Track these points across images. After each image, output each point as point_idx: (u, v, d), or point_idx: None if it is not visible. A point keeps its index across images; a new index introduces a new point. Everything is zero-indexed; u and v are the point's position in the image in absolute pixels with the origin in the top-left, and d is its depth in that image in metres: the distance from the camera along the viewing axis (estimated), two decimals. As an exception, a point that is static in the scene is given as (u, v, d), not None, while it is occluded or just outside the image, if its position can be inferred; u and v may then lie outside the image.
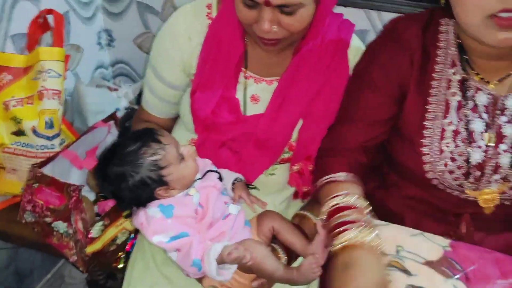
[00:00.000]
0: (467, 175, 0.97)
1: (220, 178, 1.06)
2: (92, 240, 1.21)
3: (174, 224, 0.96)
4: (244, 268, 0.96)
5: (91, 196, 1.37)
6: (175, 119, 1.29)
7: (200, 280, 1.02)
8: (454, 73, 0.97)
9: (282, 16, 0.94)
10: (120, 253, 1.28)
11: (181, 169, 1.01)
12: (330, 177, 0.99)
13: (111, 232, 1.25)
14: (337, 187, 0.97)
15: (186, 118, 1.18)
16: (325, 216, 0.96)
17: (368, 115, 1.02)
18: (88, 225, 1.21)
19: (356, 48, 1.12)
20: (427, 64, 0.98)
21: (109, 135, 1.45)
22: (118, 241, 1.28)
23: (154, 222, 0.97)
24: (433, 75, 0.98)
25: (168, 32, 1.14)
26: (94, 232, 1.20)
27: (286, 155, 1.14)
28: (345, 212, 0.92)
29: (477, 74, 0.96)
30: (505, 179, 0.96)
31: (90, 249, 1.22)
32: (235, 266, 0.96)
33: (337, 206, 0.94)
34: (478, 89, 0.96)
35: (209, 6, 1.12)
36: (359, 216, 0.91)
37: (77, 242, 1.24)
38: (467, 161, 0.96)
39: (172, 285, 1.08)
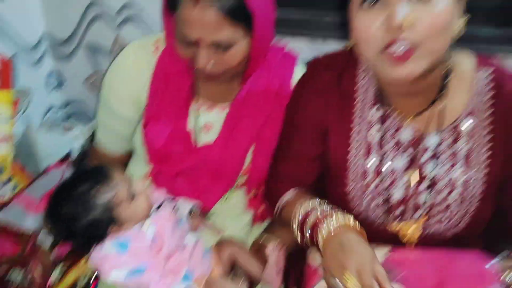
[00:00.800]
0: (390, 211, 0.99)
1: (176, 208, 1.07)
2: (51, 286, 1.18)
3: (130, 259, 0.95)
4: None
5: (49, 240, 1.34)
6: (130, 154, 1.30)
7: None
8: (375, 112, 0.98)
9: (216, 53, 0.99)
10: (83, 299, 1.26)
11: (133, 207, 1.01)
12: (288, 197, 1.04)
13: (71, 276, 1.21)
14: (297, 200, 1.00)
15: (140, 152, 1.20)
16: (299, 228, 0.96)
17: (299, 153, 1.06)
18: (46, 273, 1.18)
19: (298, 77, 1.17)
20: (346, 106, 1.00)
21: (63, 178, 1.43)
22: (79, 286, 1.25)
23: (110, 258, 0.96)
24: (353, 116, 1.00)
25: (117, 68, 1.18)
26: (52, 279, 1.17)
27: (241, 180, 1.17)
28: (316, 211, 0.94)
29: (395, 110, 0.97)
30: (426, 214, 0.97)
31: (51, 297, 1.19)
32: None
33: (307, 211, 0.95)
34: (399, 127, 0.97)
35: (157, 42, 1.16)
36: (329, 211, 0.93)
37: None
38: (390, 198, 0.98)
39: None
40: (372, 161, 0.98)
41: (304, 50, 1.42)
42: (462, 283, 0.88)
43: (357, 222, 0.91)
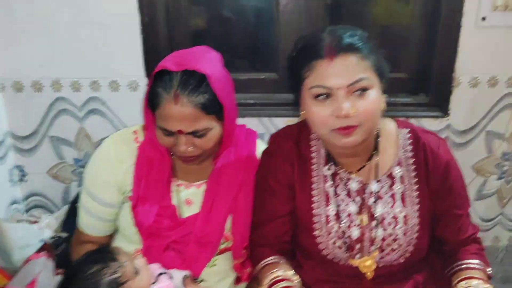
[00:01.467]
0: (351, 248, 1.21)
1: (171, 277, 1.19)
2: None
3: None
4: None
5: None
6: (112, 235, 1.39)
7: None
8: (328, 169, 1.23)
9: (195, 139, 1.17)
10: None
11: (138, 281, 1.13)
12: (266, 261, 1.22)
13: None
14: (273, 267, 1.19)
15: (128, 231, 1.31)
16: None
17: (274, 215, 1.25)
18: None
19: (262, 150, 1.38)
20: (305, 166, 1.24)
21: (44, 267, 1.48)
22: None
23: None
24: (312, 173, 1.23)
25: (100, 159, 1.31)
26: None
27: (223, 246, 1.31)
28: (279, 284, 1.13)
29: (342, 168, 1.23)
30: (379, 248, 1.21)
31: None
32: None
33: (275, 279, 1.15)
34: (348, 179, 1.22)
35: (135, 132, 1.33)
36: (288, 284, 1.13)
37: None
38: (350, 237, 1.20)
39: None
40: (331, 209, 1.21)
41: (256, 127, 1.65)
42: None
43: None
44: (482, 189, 1.99)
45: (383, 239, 1.20)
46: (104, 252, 1.14)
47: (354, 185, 1.22)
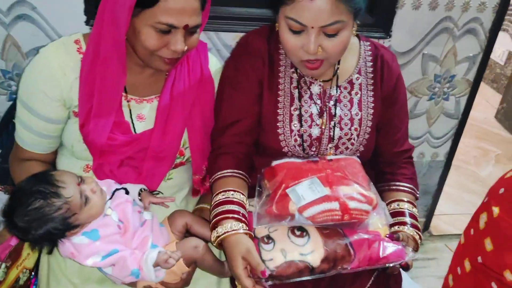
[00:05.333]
0: (310, 146, 1.30)
1: (127, 192, 1.19)
2: (-2, 285, 1.20)
3: (103, 245, 1.06)
4: (187, 261, 1.14)
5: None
6: (56, 151, 1.33)
7: (132, 285, 1.14)
8: (293, 72, 1.29)
9: (187, 37, 1.13)
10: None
11: (88, 210, 1.09)
12: (219, 174, 1.23)
13: (13, 274, 1.25)
14: (223, 183, 1.21)
15: (75, 148, 1.25)
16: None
17: (242, 113, 1.27)
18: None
19: (214, 63, 1.36)
20: (274, 66, 1.28)
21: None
22: (21, 282, 1.28)
23: (84, 247, 1.06)
24: (279, 74, 1.28)
25: (39, 70, 1.19)
26: (-1, 276, 1.20)
27: (178, 160, 1.31)
28: (225, 206, 1.16)
29: (307, 75, 1.28)
30: (335, 146, 1.31)
31: (-5, 296, 1.21)
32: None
33: (219, 200, 1.18)
34: (311, 82, 1.29)
35: (77, 42, 1.22)
36: (236, 208, 1.16)
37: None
38: (310, 136, 1.28)
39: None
40: (295, 108, 1.28)
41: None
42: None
43: (243, 224, 1.13)
44: (414, 109, 2.12)
45: (339, 138, 1.31)
46: (47, 182, 1.07)
47: (316, 89, 1.29)
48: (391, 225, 1.25)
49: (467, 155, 3.32)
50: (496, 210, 1.11)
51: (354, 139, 1.32)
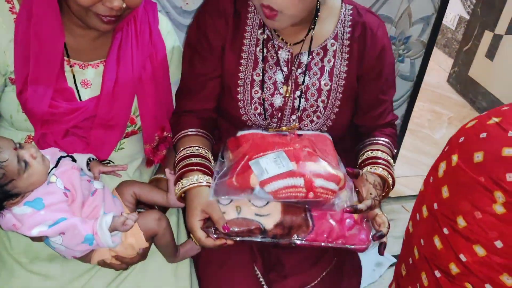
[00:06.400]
0: (272, 116, 1.22)
1: (74, 161, 1.11)
2: None
3: (49, 213, 0.98)
4: (147, 234, 1.09)
5: None
6: None
7: (84, 259, 1.08)
8: (261, 33, 1.19)
9: None
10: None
11: (28, 177, 1.00)
12: (182, 133, 1.18)
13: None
14: (187, 140, 1.16)
15: (14, 118, 1.15)
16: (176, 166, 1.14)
17: (203, 78, 1.20)
18: None
19: (165, 25, 1.27)
20: (239, 25, 1.19)
21: None
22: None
23: (27, 218, 0.98)
24: (245, 34, 1.19)
25: None
26: None
27: (129, 129, 1.24)
28: (190, 159, 1.12)
29: (279, 36, 1.20)
30: (299, 118, 1.23)
31: None
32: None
33: (184, 155, 1.14)
34: (280, 47, 1.19)
35: (8, 1, 1.11)
36: (199, 160, 1.12)
37: None
38: (272, 105, 1.21)
39: (50, 279, 1.11)
40: (258, 73, 1.20)
41: None
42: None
43: (208, 177, 1.10)
44: (370, 72, 2.11)
45: (304, 110, 1.22)
46: None
47: (283, 55, 1.20)
48: (363, 166, 1.19)
49: (422, 119, 3.39)
50: (455, 158, 1.12)
51: (320, 112, 1.22)
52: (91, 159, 1.16)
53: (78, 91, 1.16)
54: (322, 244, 1.06)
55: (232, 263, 1.17)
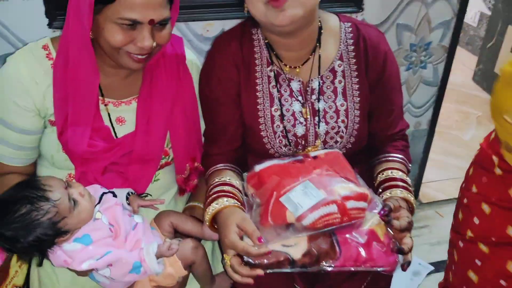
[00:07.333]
0: (297, 145, 1.26)
1: (115, 196, 1.16)
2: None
3: (97, 248, 1.04)
4: (185, 263, 1.13)
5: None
6: (35, 162, 1.29)
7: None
8: (270, 70, 1.23)
9: (156, 32, 1.08)
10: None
11: (77, 214, 1.06)
12: (212, 168, 1.24)
13: (5, 292, 1.23)
14: (218, 173, 1.22)
15: (55, 158, 1.21)
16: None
17: (225, 124, 1.25)
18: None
19: (190, 60, 1.32)
20: (249, 68, 1.23)
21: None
22: (15, 298, 1.26)
23: (77, 253, 1.03)
24: (256, 75, 1.23)
25: (8, 81, 1.15)
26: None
27: (163, 161, 1.29)
28: (221, 187, 1.16)
29: (286, 65, 1.24)
30: (323, 142, 1.26)
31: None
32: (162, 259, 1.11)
33: (216, 183, 1.18)
34: (290, 79, 1.23)
35: (45, 47, 1.17)
36: (230, 189, 1.16)
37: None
38: (295, 135, 1.24)
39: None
40: (275, 109, 1.23)
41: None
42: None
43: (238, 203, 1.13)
44: (393, 81, 2.11)
45: (326, 133, 1.25)
46: (32, 187, 1.04)
47: (295, 85, 1.24)
48: (382, 190, 1.21)
49: (449, 120, 3.35)
50: None
51: (342, 132, 1.25)
52: (130, 193, 1.21)
53: (113, 129, 1.22)
54: (352, 268, 1.07)
55: (272, 285, 1.18)
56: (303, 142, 1.25)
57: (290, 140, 1.24)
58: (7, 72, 1.15)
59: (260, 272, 1.03)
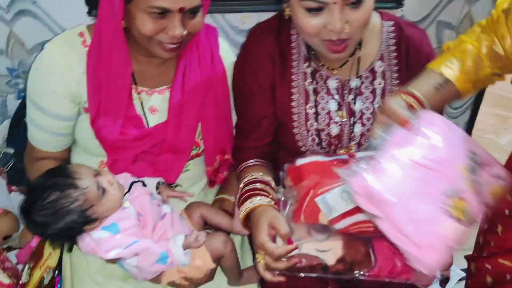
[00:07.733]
0: (330, 145, 1.22)
1: (144, 185, 1.16)
2: (23, 287, 1.20)
3: (124, 237, 1.05)
4: (214, 255, 1.13)
5: None
6: (70, 148, 1.30)
7: (155, 280, 1.12)
8: (307, 66, 1.19)
9: (187, 20, 1.06)
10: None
11: (106, 202, 1.07)
12: (244, 164, 1.22)
13: (37, 274, 1.25)
14: (250, 170, 1.20)
15: (88, 145, 1.22)
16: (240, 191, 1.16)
17: (258, 119, 1.22)
18: (18, 273, 1.20)
19: (224, 51, 1.30)
20: (285, 63, 1.19)
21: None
22: (45, 281, 1.28)
23: (105, 241, 1.04)
24: (292, 70, 1.19)
25: (45, 67, 1.16)
26: (23, 277, 1.19)
27: (194, 152, 1.28)
28: (253, 185, 1.14)
29: (323, 65, 1.19)
30: (358, 144, 1.21)
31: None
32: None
33: (248, 181, 1.16)
34: (328, 76, 1.19)
35: (81, 35, 1.18)
36: (263, 186, 1.14)
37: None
38: (329, 134, 1.20)
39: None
40: (311, 106, 1.19)
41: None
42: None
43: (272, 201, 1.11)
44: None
45: (362, 135, 1.21)
46: (61, 175, 1.05)
47: (333, 84, 1.19)
48: None
49: (485, 124, 3.24)
50: None
51: None
52: (160, 183, 1.20)
53: (146, 118, 1.22)
54: (386, 279, 1.04)
55: (303, 286, 1.16)
56: (336, 142, 1.22)
57: (323, 140, 1.21)
58: (43, 59, 1.17)
59: (281, 278, 1.03)
